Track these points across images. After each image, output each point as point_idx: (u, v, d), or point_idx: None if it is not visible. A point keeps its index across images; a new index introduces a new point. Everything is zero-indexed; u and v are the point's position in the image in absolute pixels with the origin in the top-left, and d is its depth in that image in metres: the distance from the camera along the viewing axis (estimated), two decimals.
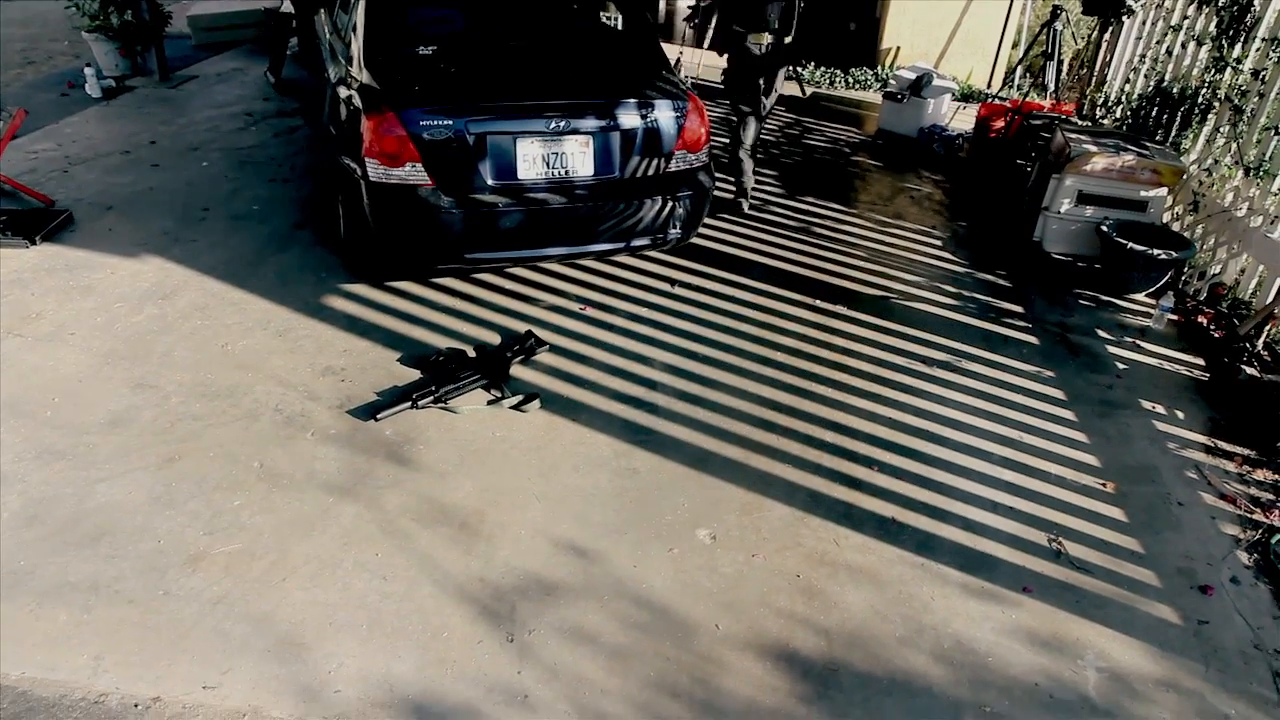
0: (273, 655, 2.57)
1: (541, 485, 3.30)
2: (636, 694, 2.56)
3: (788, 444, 3.63)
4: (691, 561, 3.03)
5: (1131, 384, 4.29)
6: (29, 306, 4.11)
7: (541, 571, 2.94)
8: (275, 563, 2.87)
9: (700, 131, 4.20)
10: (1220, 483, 3.67)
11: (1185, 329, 4.88)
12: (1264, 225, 4.84)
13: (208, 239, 4.85)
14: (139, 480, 3.16)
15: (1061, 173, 5.37)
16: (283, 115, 6.88)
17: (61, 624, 2.61)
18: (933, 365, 4.26)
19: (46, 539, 2.89)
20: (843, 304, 4.75)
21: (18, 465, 3.18)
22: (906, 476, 3.51)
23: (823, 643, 2.78)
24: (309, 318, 4.20)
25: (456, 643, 2.66)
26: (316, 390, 3.70)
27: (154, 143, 6.14)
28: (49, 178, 5.46)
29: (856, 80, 9.15)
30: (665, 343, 4.23)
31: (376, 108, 3.78)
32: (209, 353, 3.89)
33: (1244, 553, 3.30)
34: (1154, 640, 2.89)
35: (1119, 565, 3.18)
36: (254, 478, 3.22)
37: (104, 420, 3.44)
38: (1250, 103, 5.11)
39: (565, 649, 2.68)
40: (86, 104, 6.86)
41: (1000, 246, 5.64)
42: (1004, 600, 2.99)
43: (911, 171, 6.93)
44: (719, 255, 5.18)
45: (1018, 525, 3.32)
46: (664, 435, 3.62)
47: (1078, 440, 3.83)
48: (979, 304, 4.90)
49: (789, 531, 3.19)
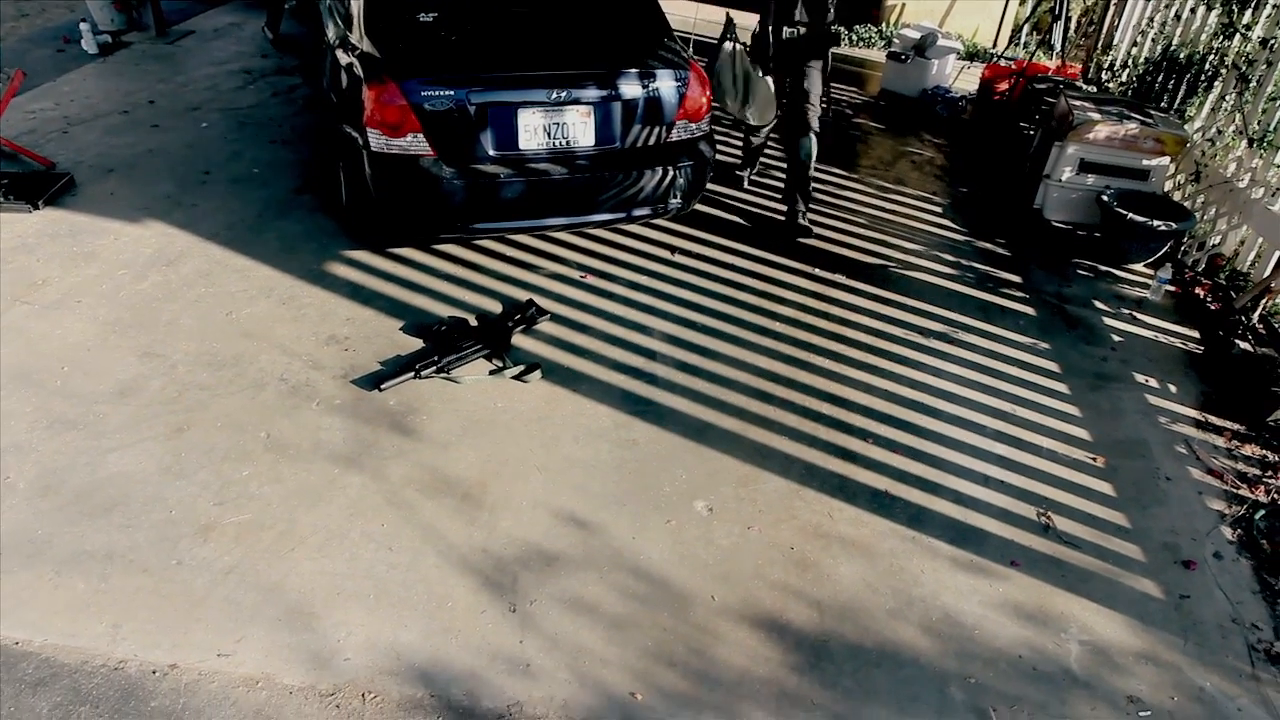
0: (283, 624, 2.66)
1: (543, 456, 3.37)
2: (635, 663, 2.65)
3: (785, 415, 3.69)
4: (689, 533, 3.11)
5: (1126, 356, 4.35)
6: (35, 273, 4.14)
7: (543, 542, 3.02)
8: (284, 533, 2.95)
9: (702, 101, 4.19)
10: (1208, 457, 3.75)
11: (1182, 300, 4.92)
12: (1265, 197, 4.84)
13: (209, 203, 4.86)
14: (149, 450, 3.23)
15: (1064, 140, 5.36)
16: (281, 73, 6.83)
17: (80, 592, 2.69)
18: (929, 336, 4.31)
19: (62, 509, 2.96)
20: (842, 273, 4.79)
21: (31, 435, 3.25)
22: (900, 449, 3.58)
23: (815, 614, 2.87)
24: (312, 285, 4.23)
25: (461, 612, 2.75)
26: (321, 359, 3.75)
27: (153, 102, 6.11)
28: (48, 139, 5.45)
29: (860, 38, 9.04)
30: (665, 312, 4.28)
31: (378, 77, 3.78)
32: (214, 321, 3.93)
33: (1228, 528, 3.39)
34: (1136, 614, 2.99)
35: (1105, 540, 3.27)
36: (261, 448, 3.29)
37: (113, 389, 3.50)
38: (1257, 71, 5.09)
39: (566, 619, 2.77)
40: (83, 60, 6.80)
41: (1000, 214, 5.65)
42: (992, 574, 3.07)
43: (913, 134, 6.90)
44: (720, 222, 5.20)
45: (1008, 499, 3.40)
46: (663, 406, 3.68)
47: (1070, 414, 3.89)
48: (977, 273, 4.93)
49: (784, 504, 3.27)
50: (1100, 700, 2.69)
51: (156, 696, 2.43)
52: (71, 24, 7.39)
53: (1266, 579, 3.19)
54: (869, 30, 9.12)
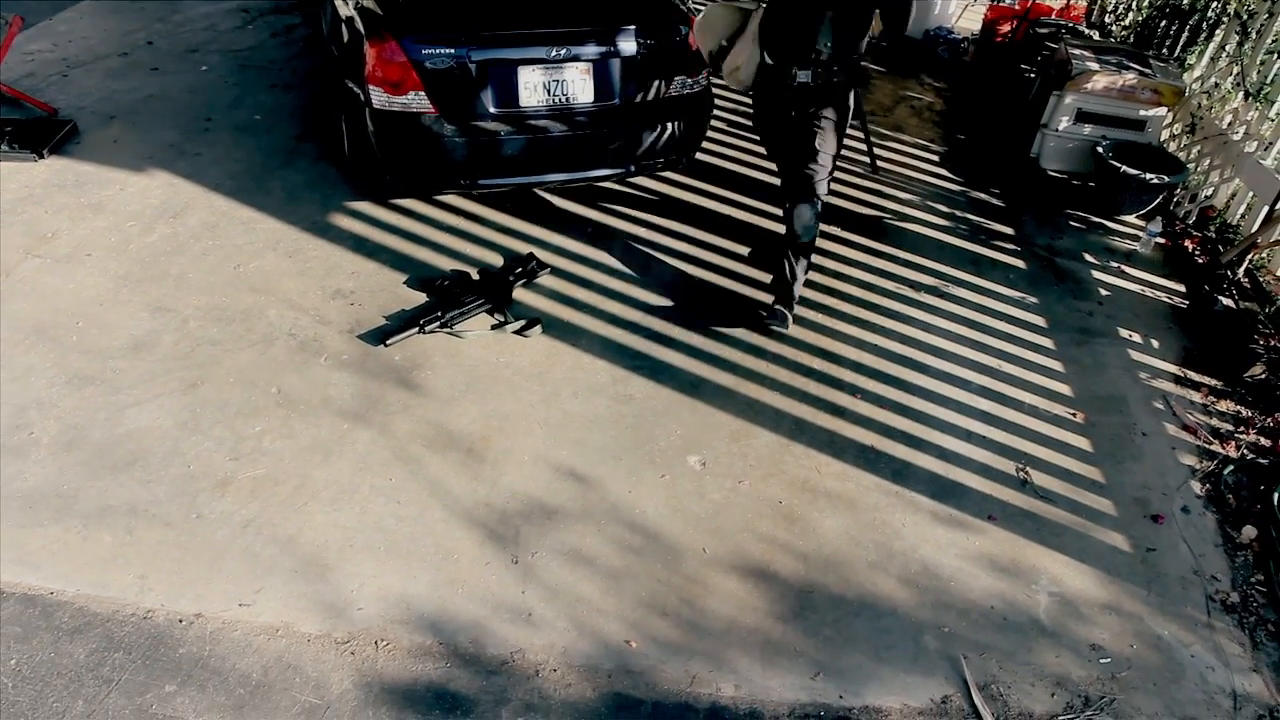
0: (299, 575, 2.83)
1: (543, 411, 3.52)
2: (630, 613, 2.84)
3: (776, 371, 3.82)
4: (682, 487, 3.27)
5: (1112, 311, 4.46)
6: (45, 225, 4.22)
7: (543, 496, 3.18)
8: (298, 487, 3.10)
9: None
10: (1185, 413, 3.89)
11: (1171, 253, 5.01)
12: (1258, 151, 4.89)
13: (212, 152, 4.91)
14: (165, 405, 3.37)
15: (1062, 90, 5.37)
16: (279, 12, 6.77)
17: (107, 545, 2.86)
18: (920, 290, 4.42)
19: (86, 463, 3.12)
20: (837, 225, 4.86)
21: (51, 390, 3.38)
22: (888, 404, 3.72)
23: (800, 566, 3.04)
24: (317, 237, 4.32)
25: (466, 564, 2.93)
26: (327, 314, 3.86)
27: (151, 43, 6.09)
28: (48, 83, 5.46)
29: None
30: (661, 263, 4.37)
31: (379, 34, 3.81)
32: (222, 274, 4.03)
33: (1197, 483, 3.55)
34: (1103, 566, 3.16)
35: (1080, 494, 3.43)
36: (273, 403, 3.42)
37: (127, 344, 3.62)
38: (1258, 22, 5.08)
39: (565, 570, 2.95)
40: None
41: (997, 162, 5.69)
42: (970, 528, 3.24)
43: (914, 78, 6.88)
44: (717, 170, 5.25)
45: (989, 454, 3.55)
46: (659, 361, 3.81)
47: (1053, 369, 4.02)
48: (970, 225, 5.01)
49: (774, 459, 3.42)
50: (1065, 648, 2.88)
51: (184, 644, 2.61)
52: None
53: (1229, 532, 3.36)
54: None
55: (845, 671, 2.74)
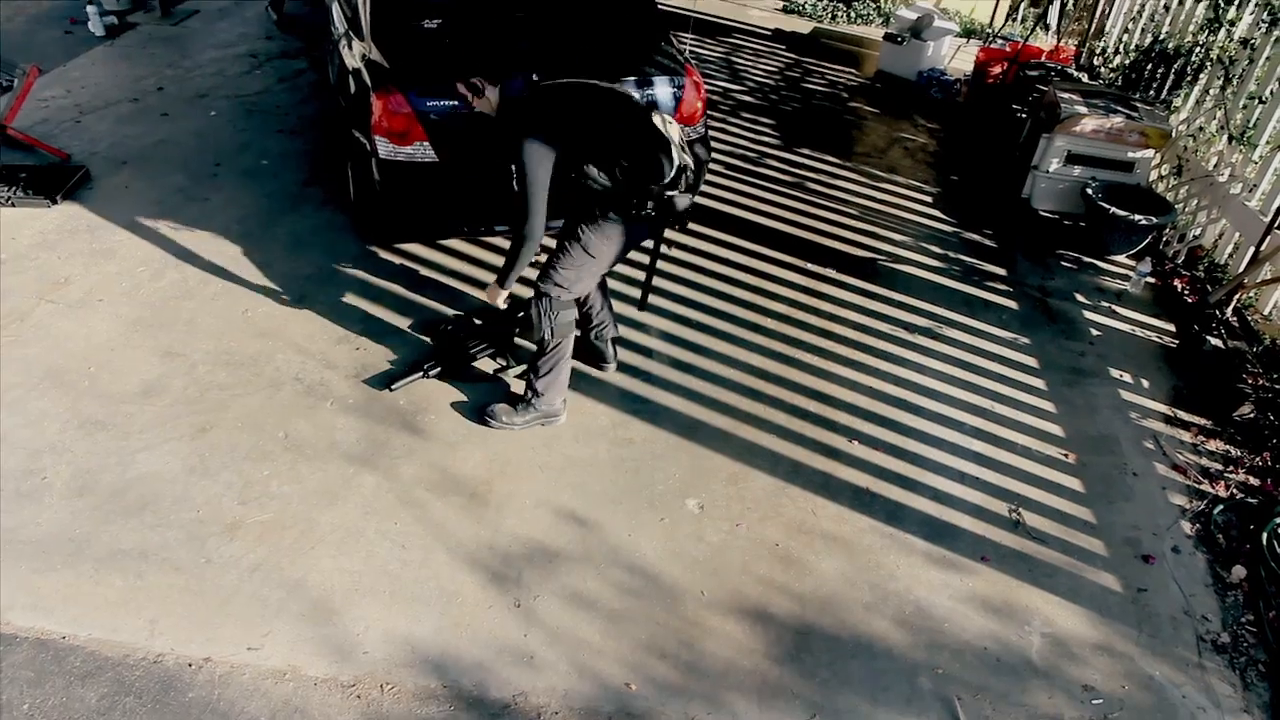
0: (307, 619, 2.90)
1: (544, 455, 3.59)
2: (629, 655, 2.89)
3: (773, 413, 3.90)
4: (681, 530, 3.34)
5: (1103, 351, 4.54)
6: (58, 271, 4.32)
7: (544, 540, 3.25)
8: (304, 532, 3.17)
9: (697, 105, 4.34)
10: (1174, 453, 3.96)
11: (1161, 293, 5.10)
12: (1243, 193, 5.00)
13: (221, 197, 5.02)
14: (175, 450, 3.44)
15: (1052, 132, 5.50)
16: (286, 56, 6.93)
17: (118, 589, 2.92)
18: (914, 332, 4.50)
19: (97, 508, 3.19)
20: (832, 266, 4.96)
21: (64, 435, 3.46)
22: (883, 447, 3.80)
23: (797, 608, 3.10)
24: (323, 282, 4.41)
25: (469, 607, 2.99)
26: (334, 358, 3.95)
27: (161, 89, 6.23)
28: (62, 129, 5.59)
29: (858, 15, 9.10)
30: (661, 308, 4.46)
31: (385, 86, 3.93)
32: (230, 319, 4.12)
33: (1188, 523, 3.61)
34: (1095, 607, 3.22)
35: (1072, 535, 3.49)
36: (280, 448, 3.50)
37: (138, 390, 3.70)
38: (1239, 69, 5.21)
39: (566, 613, 3.01)
40: (90, 43, 6.90)
41: (990, 203, 5.80)
42: (963, 569, 3.30)
43: (907, 119, 7.02)
44: (716, 214, 5.36)
45: (982, 496, 3.62)
46: (658, 405, 3.88)
47: (1045, 410, 4.10)
48: (964, 266, 5.11)
49: (771, 501, 3.49)
50: (1058, 689, 2.94)
51: (193, 688, 2.67)
52: (76, 4, 7.45)
53: (1219, 572, 3.42)
54: (867, 7, 9.17)
55: (841, 713, 2.80)
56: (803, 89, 7.40)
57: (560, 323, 3.46)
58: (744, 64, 7.78)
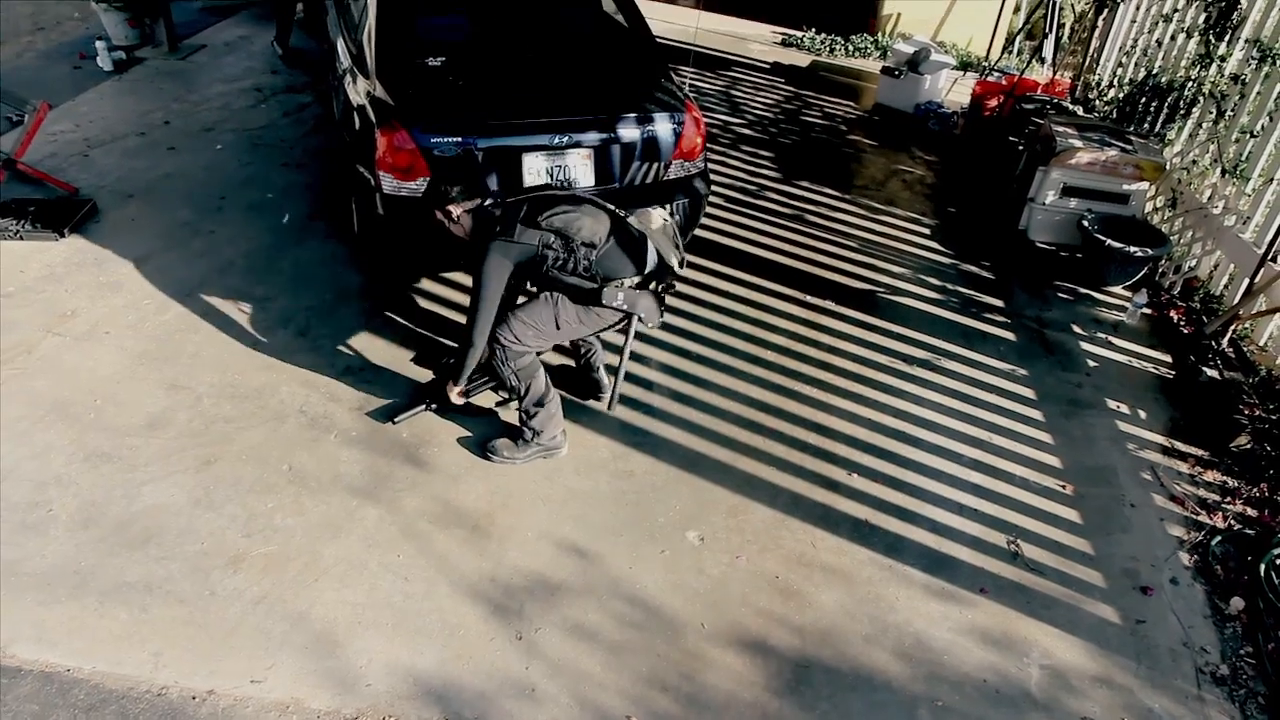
0: (310, 651, 2.91)
1: (546, 488, 3.62)
2: (630, 688, 2.91)
3: (773, 446, 3.93)
4: (681, 562, 3.36)
5: (1100, 382, 4.58)
6: (64, 304, 4.37)
7: (546, 572, 3.27)
8: (308, 564, 3.20)
9: (696, 141, 4.40)
10: (1172, 484, 3.98)
11: (1158, 324, 5.15)
12: (1236, 225, 5.06)
13: (226, 230, 5.09)
14: (180, 483, 3.47)
15: (1048, 165, 5.57)
16: (291, 90, 7.02)
17: (123, 622, 2.94)
18: (913, 364, 4.54)
19: (102, 540, 3.21)
20: (831, 299, 5.01)
21: (70, 467, 3.49)
22: (881, 479, 3.83)
23: (797, 640, 3.12)
24: (327, 315, 4.46)
25: (472, 639, 3.01)
26: (337, 391, 3.99)
27: (168, 122, 6.31)
28: (70, 162, 5.66)
29: (856, 48, 9.22)
30: (661, 341, 4.50)
31: (389, 123, 3.99)
32: (235, 352, 4.17)
33: (1186, 554, 3.63)
34: (1094, 639, 3.24)
35: (1070, 567, 3.51)
36: (284, 480, 3.53)
37: (143, 422, 3.74)
38: (1230, 103, 5.29)
39: (568, 645, 3.02)
40: (99, 78, 6.99)
41: (986, 234, 5.86)
42: (962, 600, 3.32)
43: (905, 151, 7.10)
44: (716, 247, 5.42)
45: (980, 527, 3.64)
46: (658, 437, 3.92)
47: (1043, 441, 4.13)
48: (961, 298, 5.16)
49: (770, 533, 3.51)
50: None
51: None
52: (85, 38, 7.58)
53: (1218, 604, 3.44)
54: (865, 40, 9.30)
55: None
56: (801, 122, 7.50)
57: (520, 366, 3.56)
58: (743, 97, 7.88)
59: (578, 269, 3.41)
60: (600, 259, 3.41)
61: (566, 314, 3.53)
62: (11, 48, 7.45)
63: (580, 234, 3.39)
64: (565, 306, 3.52)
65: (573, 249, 3.38)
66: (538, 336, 3.55)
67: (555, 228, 3.38)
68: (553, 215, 3.40)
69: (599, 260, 3.41)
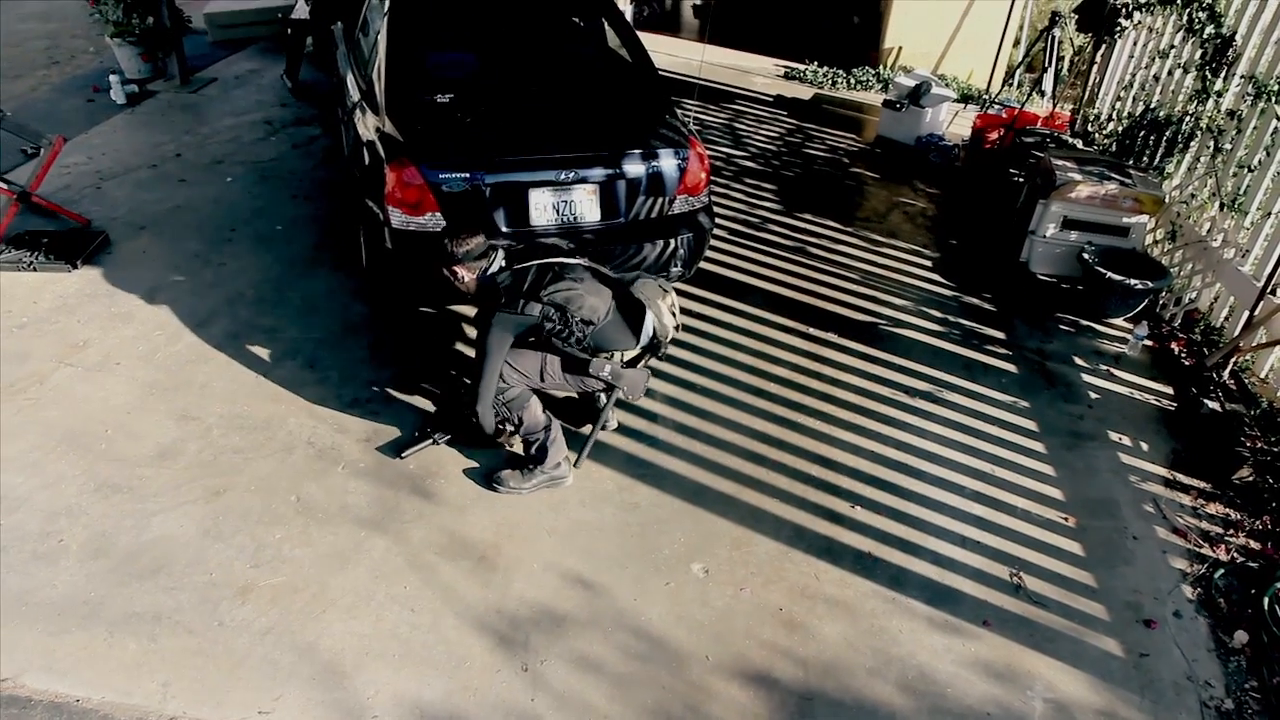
0: (318, 683, 2.93)
1: (551, 519, 3.65)
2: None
3: (776, 478, 3.96)
4: (686, 594, 3.38)
5: (1102, 414, 4.61)
6: (76, 334, 4.43)
7: (552, 603, 3.29)
8: (316, 595, 3.22)
9: (701, 176, 4.47)
10: (1174, 516, 4.00)
11: (1159, 355, 5.18)
12: (1236, 258, 5.11)
13: (236, 262, 5.16)
14: (189, 513, 3.51)
15: (1048, 198, 5.63)
16: (300, 123, 7.13)
17: (132, 652, 2.97)
18: (915, 396, 4.58)
19: (113, 570, 3.24)
20: (834, 331, 5.06)
21: (81, 498, 3.53)
22: (884, 511, 3.85)
23: (800, 672, 3.13)
24: (334, 346, 4.51)
25: (478, 671, 3.02)
26: (345, 423, 4.03)
27: (179, 155, 6.41)
28: (82, 194, 5.75)
29: (858, 81, 9.34)
30: (666, 373, 4.55)
31: (398, 159, 4.06)
32: (244, 383, 4.21)
33: (1189, 587, 3.64)
34: (1097, 672, 3.24)
35: (1073, 599, 3.53)
36: (292, 511, 3.56)
37: (153, 453, 3.78)
38: (1228, 138, 5.36)
39: (573, 677, 3.04)
40: (111, 110, 7.11)
41: (988, 266, 5.92)
42: (965, 633, 3.34)
43: (907, 184, 7.18)
44: (719, 279, 5.48)
45: (983, 560, 3.66)
46: (663, 469, 3.95)
47: (1045, 473, 4.15)
48: (963, 330, 5.20)
49: (774, 566, 3.54)
50: None
51: None
52: (99, 71, 7.72)
53: (1222, 637, 3.45)
54: (866, 73, 9.42)
55: None
56: (804, 154, 7.59)
57: (509, 399, 3.60)
58: (746, 130, 7.98)
59: (572, 341, 3.50)
60: (596, 333, 3.51)
61: (553, 370, 3.65)
62: (28, 81, 7.58)
63: (581, 312, 3.47)
64: (553, 365, 3.64)
65: (570, 325, 3.47)
66: (521, 380, 3.63)
67: (557, 303, 3.46)
68: (555, 290, 3.47)
69: (594, 334, 3.51)
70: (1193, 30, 5.87)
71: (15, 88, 7.46)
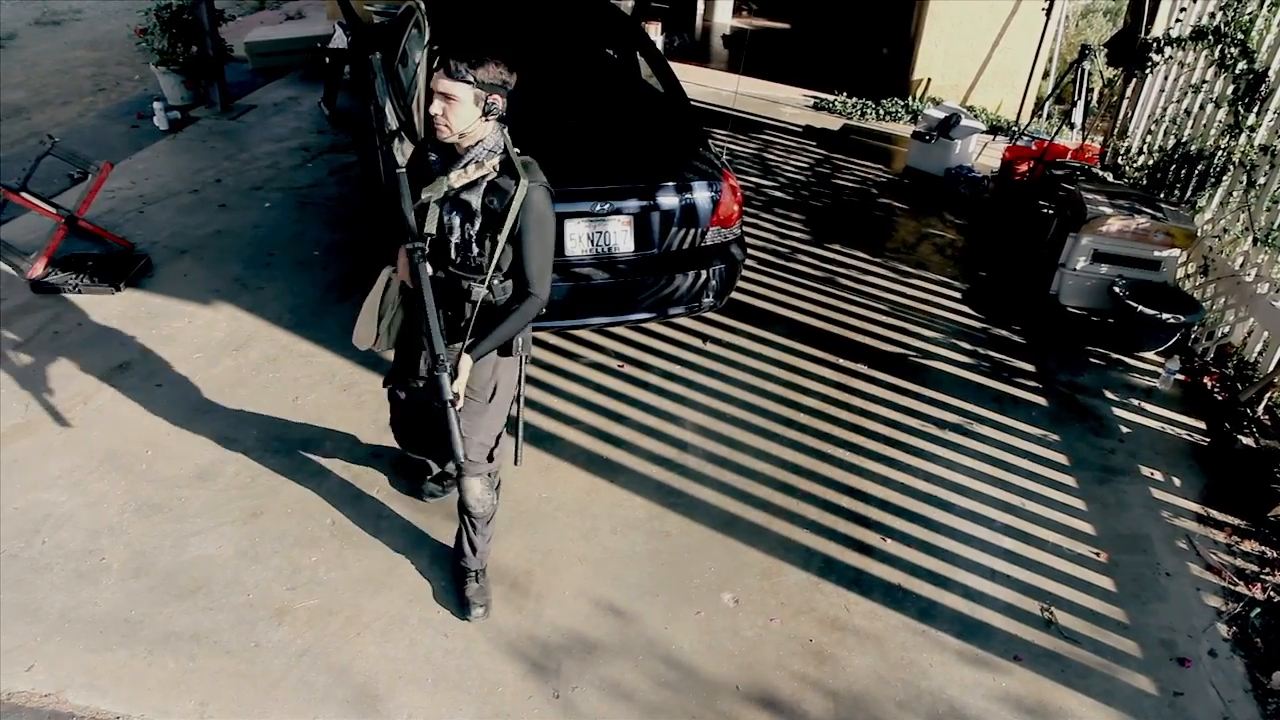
0: (351, 706, 2.97)
1: (583, 547, 3.68)
2: None
3: (806, 509, 3.97)
4: (716, 624, 3.39)
5: (1133, 448, 4.58)
6: (120, 355, 4.53)
7: (583, 630, 3.32)
8: (350, 618, 3.26)
9: (734, 208, 4.52)
10: (1208, 553, 3.97)
11: (1191, 390, 5.15)
12: (1270, 293, 5.08)
13: (274, 287, 5.26)
14: (227, 535, 3.57)
15: (1078, 232, 5.63)
16: (336, 150, 7.27)
17: (171, 671, 3.02)
18: (945, 428, 4.58)
19: (152, 590, 3.30)
20: (863, 362, 5.07)
21: (122, 517, 3.60)
22: (914, 543, 3.85)
23: (830, 705, 3.13)
24: (369, 371, 4.58)
25: (509, 697, 3.05)
26: (380, 448, 4.08)
27: (220, 180, 6.55)
28: (126, 219, 5.89)
29: (888, 112, 9.39)
30: (696, 402, 4.58)
31: None
32: (281, 406, 4.29)
33: (1224, 625, 3.61)
34: (1131, 710, 3.22)
35: (1105, 636, 3.50)
36: (328, 534, 3.62)
37: (192, 473, 3.85)
38: (1261, 173, 5.35)
39: (604, 705, 3.06)
40: (155, 137, 7.29)
41: (1017, 298, 5.92)
42: (996, 668, 3.32)
43: (936, 215, 7.20)
44: (750, 309, 5.51)
45: (1014, 594, 3.64)
46: (694, 498, 3.97)
47: (1076, 508, 4.13)
48: (993, 362, 5.20)
49: (804, 596, 3.54)
50: None
51: None
52: (142, 98, 7.93)
53: (1259, 678, 3.41)
54: (896, 105, 9.47)
55: None
56: (833, 185, 7.63)
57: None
58: (776, 160, 8.04)
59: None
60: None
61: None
62: (75, 108, 7.80)
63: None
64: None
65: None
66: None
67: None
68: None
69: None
70: (1225, 65, 5.88)
71: (63, 114, 7.67)
